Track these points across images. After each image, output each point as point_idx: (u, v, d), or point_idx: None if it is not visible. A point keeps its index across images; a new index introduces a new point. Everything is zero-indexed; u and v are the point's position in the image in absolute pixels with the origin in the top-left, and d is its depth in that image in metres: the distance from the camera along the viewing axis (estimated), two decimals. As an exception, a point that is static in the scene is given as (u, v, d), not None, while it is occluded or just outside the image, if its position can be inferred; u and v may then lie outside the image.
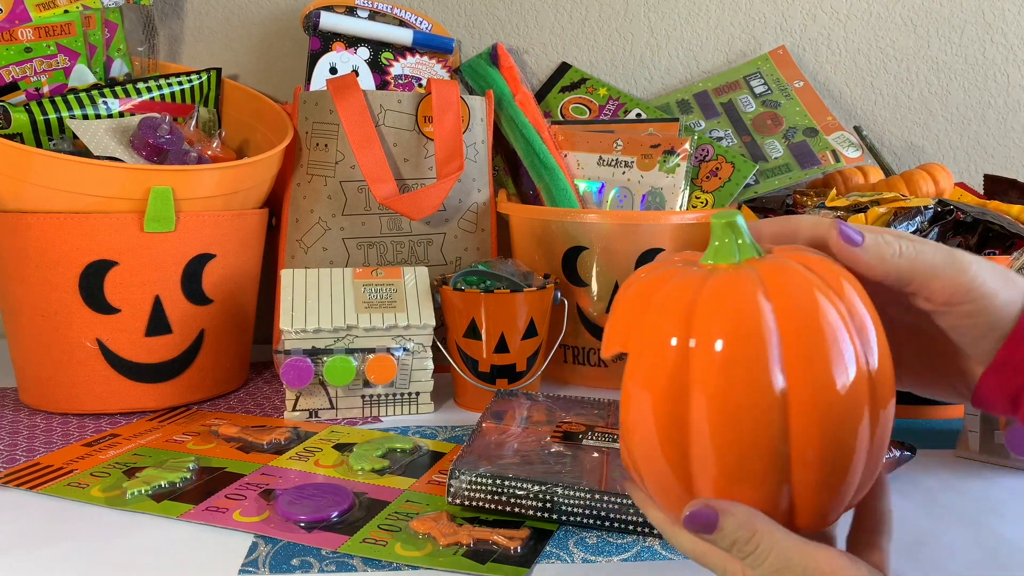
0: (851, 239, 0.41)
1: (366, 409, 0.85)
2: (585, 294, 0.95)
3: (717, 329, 0.38)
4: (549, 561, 0.55)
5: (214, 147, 0.91)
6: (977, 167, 1.21)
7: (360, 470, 0.69)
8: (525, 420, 0.73)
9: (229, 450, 0.74)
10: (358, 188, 0.97)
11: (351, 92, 0.94)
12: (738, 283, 0.39)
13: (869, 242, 0.41)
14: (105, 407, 0.84)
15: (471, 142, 1.02)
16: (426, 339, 0.85)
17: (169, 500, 0.63)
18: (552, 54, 1.17)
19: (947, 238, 0.81)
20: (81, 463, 0.70)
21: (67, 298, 0.81)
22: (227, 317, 0.90)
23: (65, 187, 0.78)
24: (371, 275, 0.88)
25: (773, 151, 1.08)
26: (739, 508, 0.39)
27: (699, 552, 0.42)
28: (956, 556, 0.56)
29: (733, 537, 0.39)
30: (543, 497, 0.59)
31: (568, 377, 1.00)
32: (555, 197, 1.00)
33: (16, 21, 0.91)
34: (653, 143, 1.02)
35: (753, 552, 0.38)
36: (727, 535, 0.39)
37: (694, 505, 0.40)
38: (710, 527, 0.39)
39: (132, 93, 0.92)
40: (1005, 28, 1.18)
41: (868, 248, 0.41)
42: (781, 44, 1.17)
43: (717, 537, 0.39)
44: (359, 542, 0.56)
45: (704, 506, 0.39)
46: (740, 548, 0.39)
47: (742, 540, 0.38)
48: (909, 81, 1.19)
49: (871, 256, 0.41)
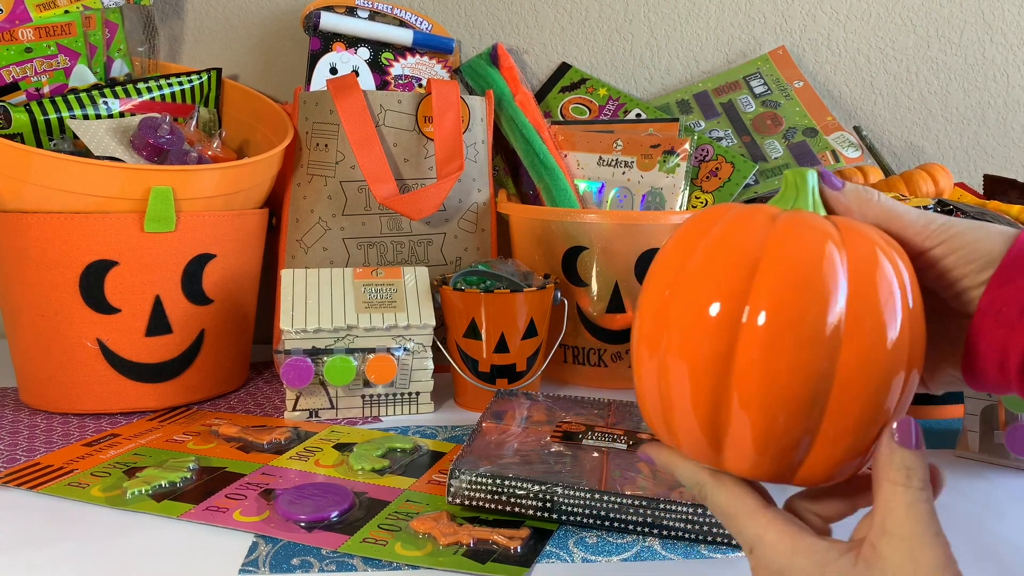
0: (832, 184, 0.44)
1: (366, 409, 0.85)
2: (585, 294, 0.96)
3: (788, 269, 0.39)
4: (549, 561, 0.55)
5: (214, 147, 0.91)
6: (977, 167, 1.21)
7: (360, 470, 0.69)
8: (525, 420, 0.73)
9: (229, 450, 0.74)
10: (358, 188, 0.97)
11: (351, 92, 0.94)
12: (815, 223, 0.41)
13: (849, 188, 0.44)
14: (105, 407, 0.84)
15: (471, 142, 1.02)
16: (426, 339, 0.85)
17: (169, 500, 0.63)
18: (552, 54, 1.18)
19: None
20: (81, 463, 0.70)
21: (67, 298, 0.81)
22: (227, 317, 0.90)
23: (65, 187, 0.78)
24: (371, 275, 0.88)
25: (773, 151, 1.08)
26: None
27: (731, 512, 0.41)
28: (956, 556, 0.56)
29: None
30: (543, 497, 0.59)
31: (568, 377, 1.00)
32: (555, 197, 1.00)
33: (16, 21, 0.91)
34: (653, 143, 1.02)
35: None
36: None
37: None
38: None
39: (132, 93, 0.92)
40: (1005, 28, 1.18)
41: (847, 192, 0.44)
42: (781, 44, 1.18)
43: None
44: (359, 542, 0.56)
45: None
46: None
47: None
48: (909, 81, 1.19)
49: (850, 199, 0.44)
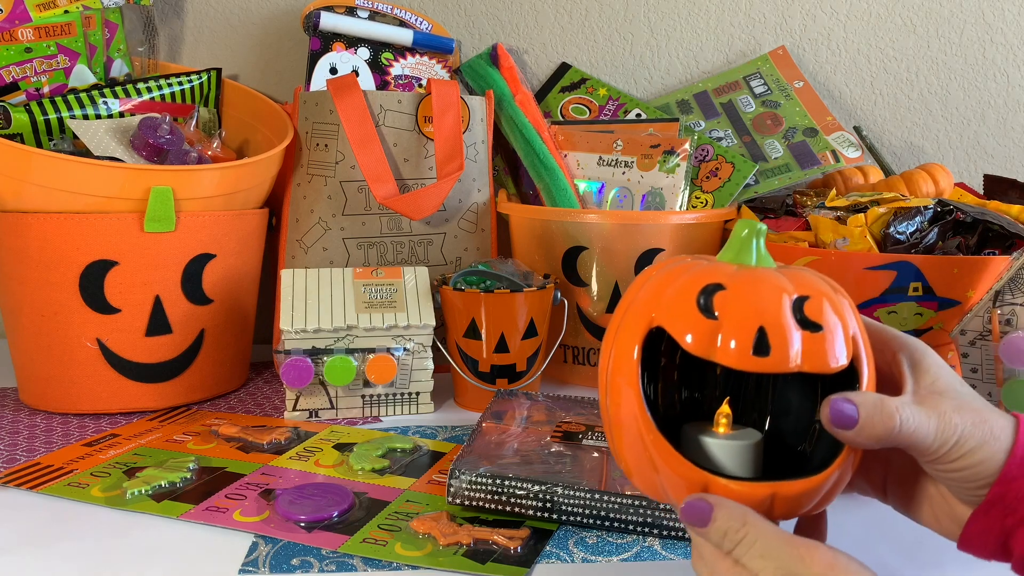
0: (844, 420, 0.41)
1: (366, 409, 0.85)
2: (585, 294, 0.96)
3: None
4: (549, 561, 0.55)
5: (214, 147, 0.91)
6: (977, 167, 1.21)
7: (360, 470, 0.69)
8: (525, 420, 0.73)
9: (229, 450, 0.74)
10: (358, 188, 0.97)
11: (351, 92, 0.94)
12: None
13: (865, 420, 0.41)
14: (105, 407, 0.84)
15: (471, 142, 1.02)
16: (426, 339, 0.85)
17: (169, 500, 0.63)
18: (552, 54, 1.18)
19: (947, 238, 0.81)
20: (81, 463, 0.70)
21: (67, 298, 0.81)
22: (227, 317, 0.90)
23: (65, 187, 0.78)
24: (371, 275, 0.88)
25: (773, 151, 1.08)
26: (730, 501, 0.40)
27: None
28: (956, 556, 0.56)
29: (724, 528, 0.39)
30: (543, 497, 0.59)
31: (568, 377, 1.00)
32: (555, 197, 1.00)
33: (16, 21, 0.91)
34: (653, 143, 1.02)
35: (741, 540, 0.39)
36: (719, 527, 0.40)
37: (691, 498, 0.41)
38: (704, 520, 0.40)
39: (132, 93, 0.92)
40: (1005, 28, 1.18)
41: (864, 426, 0.41)
42: (781, 44, 1.17)
43: (710, 530, 0.40)
44: (359, 542, 0.56)
45: (699, 499, 0.40)
46: (730, 538, 0.40)
47: (732, 530, 0.39)
48: (909, 81, 1.19)
49: (867, 435, 0.41)
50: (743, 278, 0.43)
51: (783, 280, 0.43)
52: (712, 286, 0.42)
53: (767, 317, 0.41)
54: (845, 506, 0.64)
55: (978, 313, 0.70)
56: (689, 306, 0.42)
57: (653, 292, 0.44)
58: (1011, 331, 0.68)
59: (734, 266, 0.44)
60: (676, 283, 0.43)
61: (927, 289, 0.77)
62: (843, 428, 0.41)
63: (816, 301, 0.42)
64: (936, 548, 0.57)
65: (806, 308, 0.41)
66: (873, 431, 0.40)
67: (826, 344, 0.41)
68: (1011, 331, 0.68)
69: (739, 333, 0.41)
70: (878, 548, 0.57)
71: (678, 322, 0.42)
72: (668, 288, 0.43)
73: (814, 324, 0.41)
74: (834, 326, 0.41)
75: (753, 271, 0.43)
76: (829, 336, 0.41)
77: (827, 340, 0.41)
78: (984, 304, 0.70)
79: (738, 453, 0.44)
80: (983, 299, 0.70)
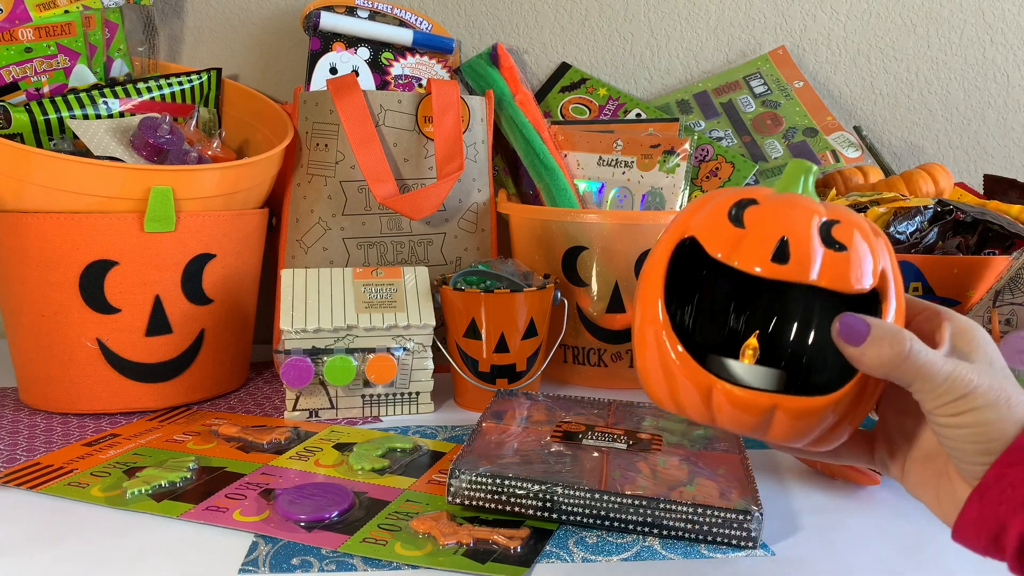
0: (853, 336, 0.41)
1: (366, 409, 0.85)
2: (585, 294, 0.96)
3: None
4: (549, 561, 0.55)
5: (214, 147, 0.91)
6: (977, 167, 1.21)
7: (360, 470, 0.69)
8: (525, 420, 0.73)
9: (229, 450, 0.74)
10: (358, 188, 0.97)
11: (351, 92, 0.94)
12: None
13: (875, 337, 0.41)
14: (105, 407, 0.84)
15: (471, 142, 1.02)
16: (426, 339, 0.85)
17: (169, 500, 0.63)
18: (552, 54, 1.18)
19: (947, 238, 0.81)
20: (81, 463, 0.70)
21: (67, 298, 0.81)
22: (227, 317, 0.90)
23: (65, 187, 0.78)
24: (371, 275, 0.88)
25: (773, 151, 1.08)
26: None
27: None
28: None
29: None
30: (543, 497, 0.59)
31: (568, 377, 1.00)
32: (555, 197, 1.00)
33: (16, 21, 0.91)
34: (653, 143, 1.02)
35: None
36: None
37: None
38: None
39: (132, 93, 0.92)
40: (1005, 28, 1.18)
41: (873, 343, 0.41)
42: (781, 44, 1.18)
43: None
44: (359, 542, 0.56)
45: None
46: None
47: None
48: (909, 81, 1.19)
49: (874, 360, 0.41)
50: (779, 198, 0.44)
51: (818, 205, 0.44)
52: (746, 200, 0.44)
53: (792, 229, 0.42)
54: (846, 505, 0.64)
55: (978, 313, 0.70)
56: (721, 217, 0.44)
57: (692, 207, 0.46)
58: (1011, 331, 0.68)
59: (775, 191, 0.46)
60: (715, 200, 0.45)
61: (927, 289, 0.77)
62: (850, 343, 0.40)
63: (846, 226, 0.42)
64: (936, 548, 0.57)
65: (834, 230, 0.42)
66: (880, 351, 0.40)
67: (850, 264, 0.41)
68: (1011, 331, 0.68)
69: (762, 240, 0.42)
70: (878, 548, 0.57)
71: (708, 231, 0.44)
72: (707, 203, 0.45)
73: (839, 244, 0.42)
74: (862, 252, 0.42)
75: (792, 196, 0.45)
76: (854, 258, 0.42)
77: (851, 261, 0.42)
78: (984, 304, 0.70)
79: (754, 375, 0.44)
80: (983, 299, 0.70)
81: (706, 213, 0.45)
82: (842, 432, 0.43)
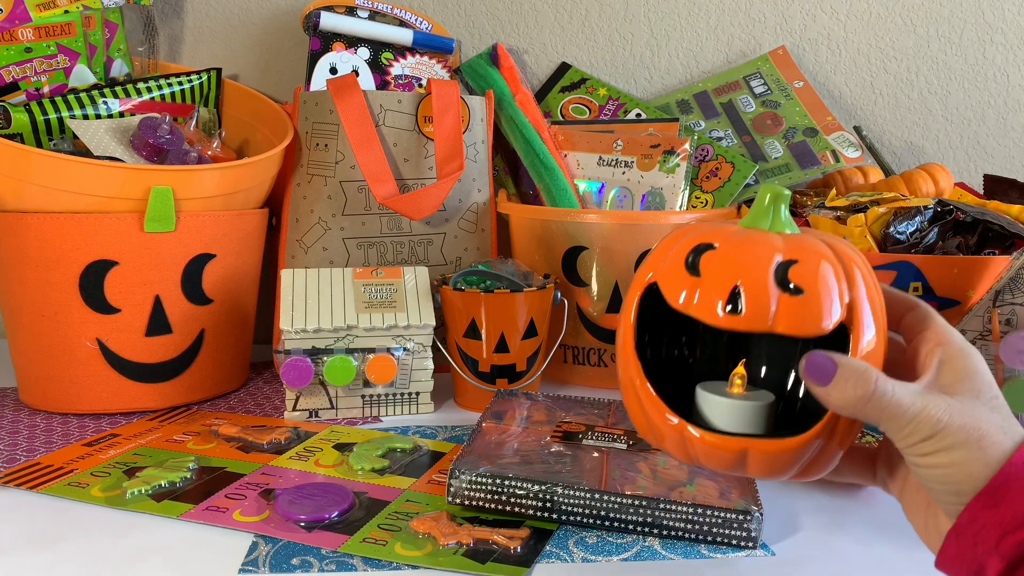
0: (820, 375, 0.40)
1: (366, 409, 0.85)
2: (585, 294, 0.95)
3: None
4: (549, 561, 0.55)
5: (214, 147, 0.91)
6: (977, 167, 1.21)
7: (360, 470, 0.69)
8: (525, 420, 0.73)
9: (229, 450, 0.74)
10: (358, 188, 0.97)
11: (351, 92, 0.94)
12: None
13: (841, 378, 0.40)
14: (105, 407, 0.84)
15: (471, 142, 1.02)
16: (426, 339, 0.85)
17: (169, 500, 0.63)
18: (552, 54, 1.18)
19: (947, 238, 0.81)
20: (81, 463, 0.70)
21: (67, 298, 0.81)
22: (227, 317, 0.90)
23: (65, 187, 0.78)
24: (371, 275, 0.88)
25: (773, 151, 1.08)
26: None
27: None
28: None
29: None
30: (543, 497, 0.59)
31: (568, 377, 1.00)
32: (555, 197, 1.00)
33: (16, 21, 0.91)
34: (653, 143, 1.02)
35: None
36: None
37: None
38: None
39: (132, 93, 0.92)
40: (1005, 28, 1.18)
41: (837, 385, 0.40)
42: (781, 44, 1.17)
43: None
44: (359, 542, 0.56)
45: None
46: None
47: None
48: (909, 81, 1.19)
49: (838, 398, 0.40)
50: (737, 239, 0.43)
51: (779, 243, 0.43)
52: (703, 245, 0.43)
53: (747, 275, 0.41)
54: (846, 505, 0.64)
55: (978, 313, 0.70)
56: (679, 264, 0.43)
57: (658, 251, 0.46)
58: (1011, 331, 0.68)
59: (739, 228, 0.45)
60: (678, 243, 0.45)
61: (927, 289, 0.77)
62: (817, 382, 0.40)
63: (806, 266, 0.41)
64: (936, 548, 0.57)
65: (792, 271, 0.41)
66: (844, 392, 0.39)
67: (807, 307, 0.40)
68: (1011, 331, 0.68)
69: (715, 289, 0.41)
70: (878, 548, 0.57)
71: (667, 279, 0.44)
72: (672, 247, 0.45)
73: (795, 288, 0.41)
74: (823, 291, 0.41)
75: (752, 234, 0.43)
76: (812, 300, 0.40)
77: (809, 304, 0.40)
78: (984, 304, 0.70)
79: (735, 411, 0.44)
80: (983, 299, 0.70)
81: (668, 259, 0.44)
82: (831, 459, 0.43)
